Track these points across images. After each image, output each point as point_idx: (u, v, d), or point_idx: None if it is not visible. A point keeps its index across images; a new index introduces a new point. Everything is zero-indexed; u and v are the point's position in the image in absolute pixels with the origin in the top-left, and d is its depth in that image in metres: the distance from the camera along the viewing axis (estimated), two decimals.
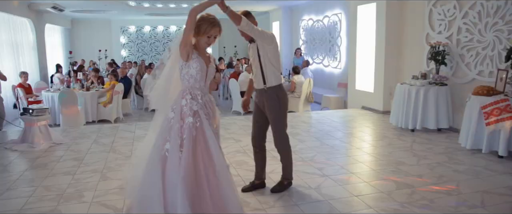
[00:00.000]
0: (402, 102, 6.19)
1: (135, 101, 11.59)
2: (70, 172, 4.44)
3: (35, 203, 3.58)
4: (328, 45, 11.79)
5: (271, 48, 3.47)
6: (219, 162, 2.77)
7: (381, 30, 7.60)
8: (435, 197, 3.56)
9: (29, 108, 5.83)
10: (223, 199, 2.73)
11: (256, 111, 3.71)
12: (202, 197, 2.69)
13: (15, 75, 10.11)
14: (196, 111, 2.81)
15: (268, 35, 3.44)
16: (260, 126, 3.70)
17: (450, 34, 6.31)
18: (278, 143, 3.64)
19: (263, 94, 3.57)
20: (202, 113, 2.82)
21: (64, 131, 6.74)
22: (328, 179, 4.07)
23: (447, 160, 4.70)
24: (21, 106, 8.66)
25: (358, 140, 5.83)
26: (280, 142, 3.63)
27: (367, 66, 8.18)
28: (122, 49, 18.54)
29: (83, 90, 8.82)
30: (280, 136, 3.61)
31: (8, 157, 5.15)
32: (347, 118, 7.54)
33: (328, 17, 11.68)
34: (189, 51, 2.81)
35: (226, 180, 2.78)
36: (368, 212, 3.28)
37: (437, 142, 5.52)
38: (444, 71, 6.34)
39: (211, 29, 2.82)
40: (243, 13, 3.39)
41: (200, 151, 2.76)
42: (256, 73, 3.57)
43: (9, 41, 10.75)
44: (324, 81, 12.00)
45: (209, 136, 2.79)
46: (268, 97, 3.54)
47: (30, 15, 12.02)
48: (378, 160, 4.77)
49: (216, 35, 2.87)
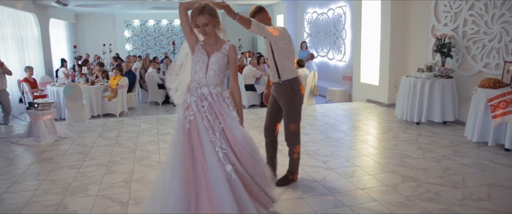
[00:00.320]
0: (407, 95, 6.15)
1: (140, 95, 11.62)
2: (76, 165, 4.46)
3: (41, 196, 3.60)
4: (332, 38, 11.73)
5: (284, 44, 3.49)
6: (211, 161, 2.58)
7: (386, 23, 7.54)
8: (441, 190, 3.55)
9: (35, 102, 5.85)
10: (216, 200, 2.53)
11: (271, 103, 3.74)
12: (199, 195, 2.58)
13: (20, 70, 10.17)
14: (189, 103, 2.73)
15: (279, 32, 3.44)
16: (274, 117, 3.73)
17: (456, 26, 6.25)
18: (289, 136, 3.65)
19: (278, 88, 3.61)
20: (195, 105, 2.71)
21: (70, 125, 6.77)
22: (333, 172, 4.06)
23: (453, 153, 4.68)
24: (27, 100, 8.70)
25: (363, 133, 5.81)
26: (291, 135, 3.64)
27: (372, 59, 8.13)
28: (126, 43, 18.55)
29: (88, 85, 8.84)
30: (292, 129, 3.62)
31: (14, 151, 5.18)
32: (352, 111, 7.51)
33: (332, 10, 11.61)
34: (192, 44, 2.81)
35: (218, 180, 2.54)
36: (373, 205, 3.28)
37: (442, 135, 5.49)
38: (449, 63, 6.29)
39: (196, 18, 2.68)
40: (256, 9, 3.46)
41: (195, 146, 2.65)
42: (271, 67, 3.62)
43: (14, 36, 10.79)
44: (329, 75, 11.96)
45: (201, 131, 2.65)
46: (282, 90, 3.57)
47: (35, 10, 12.04)
48: (383, 153, 4.75)
49: (203, 23, 2.68)
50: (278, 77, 3.56)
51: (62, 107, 8.37)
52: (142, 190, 3.68)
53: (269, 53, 3.57)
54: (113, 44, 16.68)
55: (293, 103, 3.57)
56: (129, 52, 18.06)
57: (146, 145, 5.26)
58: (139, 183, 3.86)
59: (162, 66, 11.83)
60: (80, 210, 3.28)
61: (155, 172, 4.16)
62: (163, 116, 7.46)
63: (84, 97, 8.29)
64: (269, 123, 3.75)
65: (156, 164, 4.45)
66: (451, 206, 3.24)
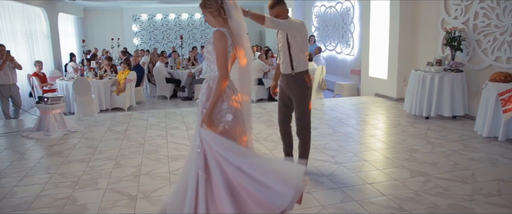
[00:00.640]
0: (417, 89, 6.10)
1: (148, 90, 11.66)
2: (85, 159, 4.50)
3: (52, 189, 3.64)
4: (340, 32, 11.65)
5: (302, 36, 3.54)
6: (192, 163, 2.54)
7: (395, 16, 7.46)
8: (450, 185, 3.52)
9: (44, 96, 5.90)
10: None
11: (281, 96, 3.77)
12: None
13: (30, 64, 10.25)
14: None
15: (297, 25, 3.48)
16: (287, 110, 3.78)
17: (467, 20, 6.16)
18: (302, 127, 3.68)
19: (290, 79, 3.63)
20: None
21: (79, 119, 6.82)
22: (341, 167, 4.05)
23: (462, 147, 4.64)
24: (36, 95, 8.78)
25: (371, 127, 5.78)
26: (304, 126, 3.68)
27: (380, 52, 8.06)
28: (134, 38, 18.60)
29: (96, 79, 8.89)
30: (305, 120, 3.67)
31: (25, 144, 5.24)
32: (360, 105, 7.47)
33: (340, 3, 11.51)
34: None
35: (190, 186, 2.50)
36: (381, 200, 3.26)
37: (452, 130, 5.44)
38: (459, 57, 6.22)
39: None
40: (275, 0, 3.48)
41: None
42: (284, 59, 3.63)
43: (24, 31, 10.88)
44: (337, 68, 11.89)
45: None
46: (295, 82, 3.61)
47: (44, 4, 12.11)
48: (392, 147, 4.73)
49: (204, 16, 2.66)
50: (291, 69, 3.60)
51: (71, 101, 8.43)
52: (150, 184, 3.70)
53: (283, 45, 3.60)
54: (121, 38, 16.73)
55: (305, 94, 3.62)
56: (137, 46, 18.12)
57: (155, 139, 5.28)
58: (148, 177, 3.89)
59: (170, 61, 11.84)
60: (89, 204, 3.31)
61: (163, 166, 4.18)
62: (171, 110, 7.49)
63: (93, 91, 8.35)
64: (284, 116, 3.81)
65: (165, 157, 4.48)
66: (460, 201, 3.21)
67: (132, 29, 18.53)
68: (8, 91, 7.57)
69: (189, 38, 18.70)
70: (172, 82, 10.71)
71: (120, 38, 16.34)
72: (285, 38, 3.56)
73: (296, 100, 3.64)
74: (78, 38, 16.67)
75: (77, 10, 16.40)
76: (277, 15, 3.47)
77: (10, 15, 10.16)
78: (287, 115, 3.80)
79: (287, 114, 3.80)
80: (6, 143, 5.36)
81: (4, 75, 7.46)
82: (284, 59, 3.62)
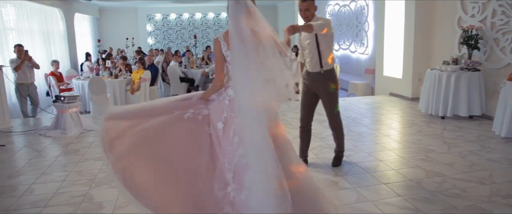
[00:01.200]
0: (432, 89, 6.02)
1: (162, 89, 11.75)
2: (101, 157, 4.55)
3: (69, 187, 3.70)
4: (355, 31, 11.56)
5: (331, 35, 3.65)
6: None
7: (410, 14, 7.37)
8: (467, 187, 3.47)
9: (61, 95, 6.00)
10: None
11: (307, 93, 3.86)
12: None
13: (47, 64, 10.43)
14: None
15: (330, 23, 3.58)
16: (311, 107, 3.89)
17: (484, 18, 6.05)
18: (334, 121, 3.86)
19: (318, 78, 3.71)
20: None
21: (94, 117, 6.91)
22: (356, 166, 4.03)
23: (480, 148, 4.56)
24: (53, 94, 8.93)
25: (386, 127, 5.73)
26: (336, 120, 3.85)
27: (395, 51, 7.98)
28: (148, 37, 18.75)
29: (111, 78, 9.00)
30: (336, 115, 3.81)
31: (42, 142, 5.34)
32: (374, 104, 7.41)
33: (355, 2, 11.42)
34: None
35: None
36: (397, 200, 3.23)
37: (468, 130, 5.35)
38: (477, 56, 6.12)
39: None
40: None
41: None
42: (312, 57, 3.68)
43: (41, 31, 11.08)
44: (351, 68, 11.80)
45: None
46: (324, 80, 3.70)
47: (60, 5, 12.31)
48: (407, 147, 4.68)
49: None
50: (320, 67, 3.67)
51: (87, 100, 8.55)
52: None
53: (311, 43, 3.65)
54: (135, 38, 16.90)
55: (335, 91, 3.75)
56: (151, 46, 18.26)
57: None
58: None
59: (184, 60, 11.92)
60: (105, 201, 3.36)
61: None
62: None
63: (108, 90, 8.45)
64: (308, 113, 3.90)
65: None
66: (478, 202, 3.16)
67: (147, 28, 18.69)
68: (27, 90, 7.72)
69: (202, 38, 18.77)
70: (186, 82, 10.77)
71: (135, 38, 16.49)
72: (314, 36, 3.59)
73: (326, 97, 3.74)
74: (94, 38, 16.90)
75: (92, 10, 16.62)
76: (307, 9, 3.54)
77: (28, 16, 10.36)
78: (310, 112, 3.90)
79: (310, 111, 3.90)
80: (25, 141, 5.47)
81: (23, 75, 7.61)
82: (313, 57, 3.67)
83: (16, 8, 9.76)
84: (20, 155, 4.84)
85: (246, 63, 2.34)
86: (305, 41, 3.72)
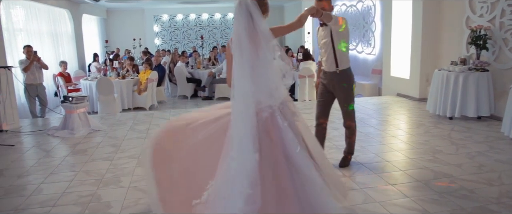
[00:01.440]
0: (440, 89, 5.98)
1: (169, 89, 11.81)
2: (108, 157, 4.59)
3: (77, 186, 3.73)
4: (361, 31, 11.51)
5: (346, 33, 3.66)
6: None
7: (418, 14, 7.33)
8: (476, 188, 3.44)
9: (69, 95, 6.05)
10: None
11: (323, 91, 3.88)
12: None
13: (55, 65, 10.52)
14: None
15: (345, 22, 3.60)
16: (327, 105, 3.91)
17: (493, 17, 6.00)
18: (349, 119, 3.87)
19: (334, 77, 3.73)
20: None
21: (102, 118, 6.96)
22: (363, 167, 4.01)
23: (488, 149, 4.52)
24: (61, 94, 9.00)
25: (393, 127, 5.70)
26: (350, 118, 3.87)
27: (402, 52, 7.94)
28: (155, 38, 18.84)
29: (119, 79, 9.05)
30: (350, 113, 3.83)
31: (51, 142, 5.38)
32: (381, 105, 7.37)
33: (362, 2, 11.38)
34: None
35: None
36: (404, 201, 3.21)
37: (477, 130, 5.31)
38: (485, 56, 6.06)
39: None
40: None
41: None
42: (328, 56, 3.71)
43: (50, 32, 11.18)
44: (358, 68, 11.73)
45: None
46: (340, 79, 3.72)
47: (68, 6, 12.41)
48: (414, 148, 4.65)
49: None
50: (335, 66, 3.69)
51: (94, 100, 8.61)
52: None
53: (327, 43, 3.68)
54: (142, 38, 17.00)
55: (351, 90, 3.77)
56: (158, 46, 18.35)
57: None
58: None
59: (191, 60, 11.95)
60: (113, 201, 3.38)
61: None
62: (192, 109, 7.55)
63: (115, 91, 8.50)
64: (323, 111, 3.92)
65: None
66: (487, 204, 3.13)
67: (153, 29, 18.78)
68: (35, 91, 7.79)
69: (209, 38, 18.82)
70: (192, 82, 10.81)
71: (142, 39, 16.59)
72: (329, 35, 3.61)
73: (340, 95, 3.76)
74: (101, 39, 17.01)
75: (100, 11, 16.73)
76: (323, 7, 3.52)
77: (37, 17, 10.46)
78: (326, 110, 3.92)
79: (326, 110, 3.92)
80: (33, 141, 5.52)
81: (31, 75, 7.68)
82: (328, 57, 3.70)
83: (25, 9, 9.86)
84: (29, 154, 4.89)
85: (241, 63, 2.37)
86: (321, 40, 3.75)
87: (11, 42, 8.86)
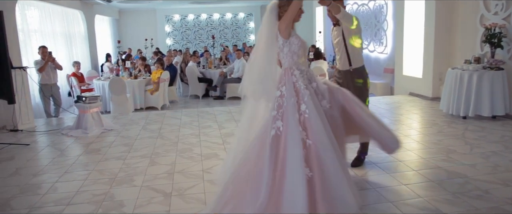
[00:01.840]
0: (454, 88, 5.90)
1: (180, 89, 11.87)
2: (121, 157, 4.64)
3: (90, 185, 3.78)
4: (373, 30, 11.43)
5: (357, 31, 3.66)
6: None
7: (431, 13, 7.25)
8: (490, 188, 3.39)
9: (82, 95, 6.12)
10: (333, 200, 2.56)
11: None
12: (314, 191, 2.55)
13: (69, 65, 10.66)
14: (306, 85, 2.81)
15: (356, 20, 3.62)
16: None
17: (508, 15, 5.91)
18: None
19: (348, 76, 3.74)
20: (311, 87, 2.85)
21: (114, 117, 7.03)
22: (375, 167, 3.98)
23: (503, 149, 4.45)
24: (75, 94, 9.12)
25: (405, 127, 5.65)
26: None
27: (415, 50, 7.86)
28: (167, 38, 18.97)
29: (131, 79, 9.13)
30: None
31: (65, 142, 5.46)
32: (394, 104, 7.31)
33: (373, 1, 11.30)
34: (290, 30, 2.92)
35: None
36: (417, 201, 3.19)
37: (491, 130, 5.23)
38: (500, 54, 5.97)
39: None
40: None
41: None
42: (341, 55, 3.72)
43: (63, 33, 11.32)
44: (370, 67, 11.60)
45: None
46: (353, 78, 3.72)
47: (81, 7, 12.56)
48: (428, 148, 4.60)
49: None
50: (349, 65, 3.70)
51: (107, 100, 8.70)
52: (184, 182, 3.76)
53: (340, 41, 3.68)
54: (154, 38, 17.12)
55: (365, 90, 3.77)
56: (169, 46, 18.46)
57: (188, 138, 5.37)
58: (182, 175, 3.96)
59: (202, 60, 12.01)
60: (126, 200, 3.41)
61: (196, 164, 4.25)
62: (204, 109, 7.59)
63: (128, 90, 8.58)
64: None
65: (198, 156, 4.54)
66: (502, 204, 3.08)
67: (165, 29, 18.90)
68: (50, 91, 7.91)
69: (220, 38, 18.87)
70: (204, 82, 10.85)
71: (153, 39, 16.71)
72: (341, 34, 3.63)
73: (354, 92, 3.73)
74: (114, 39, 17.18)
75: (112, 11, 16.90)
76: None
77: (51, 18, 10.61)
78: None
79: None
80: (48, 140, 5.60)
81: (46, 76, 7.80)
82: (342, 55, 3.71)
83: (39, 10, 10.01)
84: (44, 154, 4.97)
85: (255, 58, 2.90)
86: (334, 40, 3.77)
87: (26, 43, 8.99)
